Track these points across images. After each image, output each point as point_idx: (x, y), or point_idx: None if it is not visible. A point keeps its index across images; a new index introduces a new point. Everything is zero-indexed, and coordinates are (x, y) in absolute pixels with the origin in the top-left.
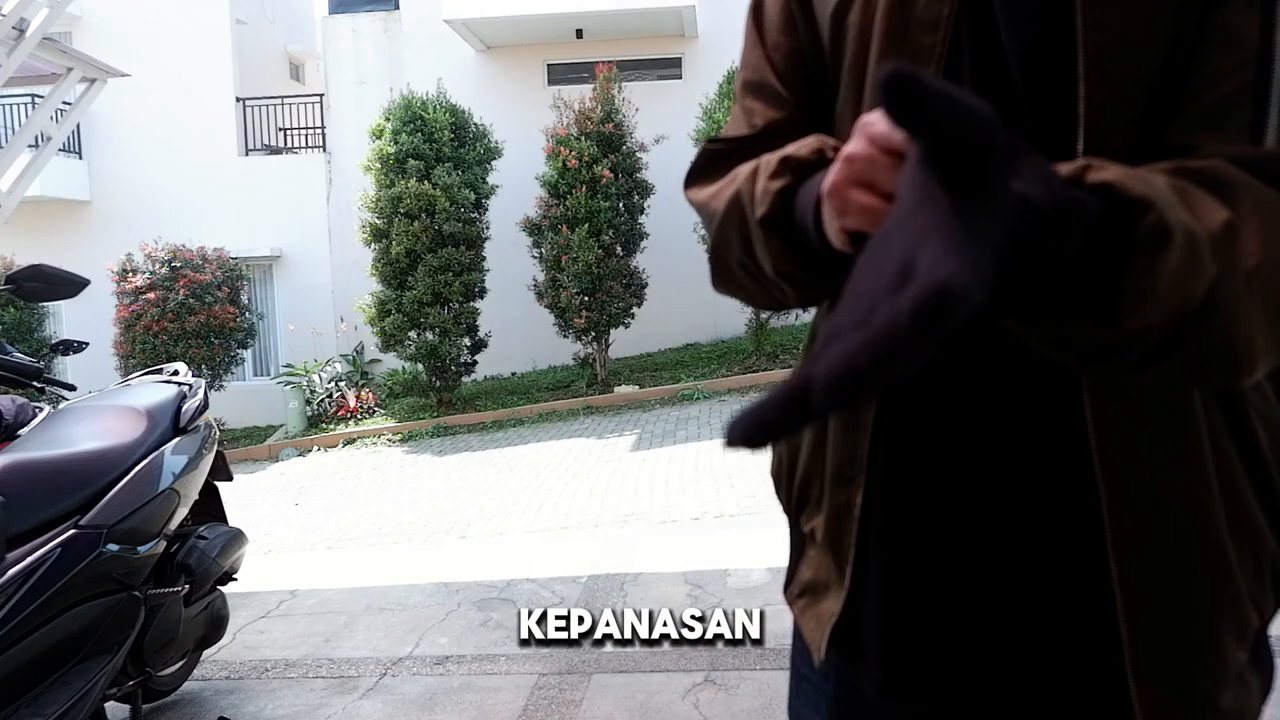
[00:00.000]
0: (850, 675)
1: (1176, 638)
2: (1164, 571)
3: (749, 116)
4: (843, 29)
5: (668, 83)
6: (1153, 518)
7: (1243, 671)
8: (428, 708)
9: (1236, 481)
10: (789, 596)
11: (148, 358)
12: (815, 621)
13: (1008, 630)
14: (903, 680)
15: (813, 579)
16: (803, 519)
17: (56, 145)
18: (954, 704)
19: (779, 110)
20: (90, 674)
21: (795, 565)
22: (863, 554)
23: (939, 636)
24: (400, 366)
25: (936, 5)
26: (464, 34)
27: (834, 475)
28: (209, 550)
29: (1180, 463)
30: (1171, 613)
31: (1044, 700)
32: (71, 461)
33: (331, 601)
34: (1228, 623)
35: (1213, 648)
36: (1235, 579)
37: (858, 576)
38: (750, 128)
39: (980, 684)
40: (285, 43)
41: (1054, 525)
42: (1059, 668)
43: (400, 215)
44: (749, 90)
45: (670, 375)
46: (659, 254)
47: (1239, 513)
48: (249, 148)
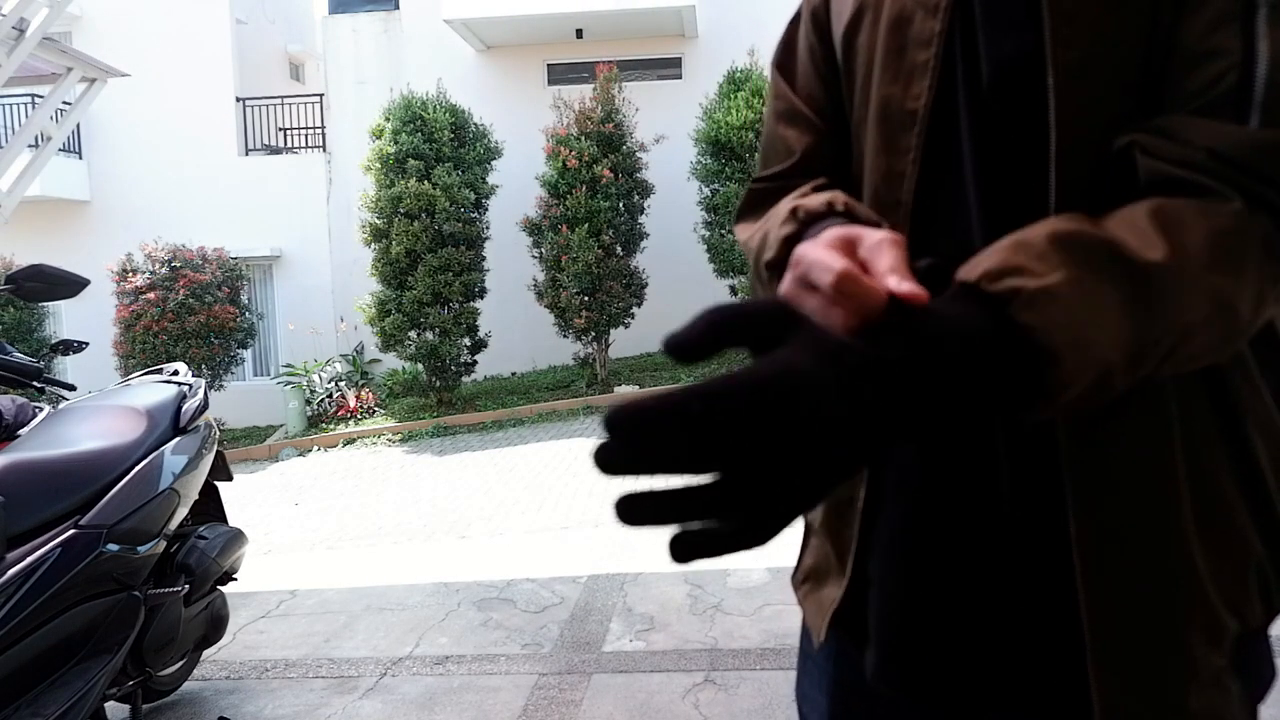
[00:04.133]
0: (852, 657)
1: (1136, 636)
2: (1124, 570)
3: (786, 144)
4: (853, 50)
5: (668, 83)
6: (1115, 517)
7: (1220, 675)
8: (428, 708)
9: (1214, 487)
10: (794, 582)
11: (148, 358)
12: (817, 607)
13: (996, 623)
14: (898, 668)
15: (813, 566)
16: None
17: (56, 145)
18: (946, 693)
19: (812, 135)
20: (90, 674)
21: (801, 553)
22: (865, 545)
23: (933, 627)
24: (400, 366)
25: (929, 21)
26: (464, 34)
27: None
28: (209, 550)
29: (1146, 465)
30: (1132, 612)
31: (1026, 691)
32: (71, 461)
33: (331, 601)
34: (1197, 626)
35: (1177, 649)
36: (1202, 582)
37: (859, 566)
38: (789, 155)
39: (969, 675)
40: (285, 43)
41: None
42: (1039, 661)
43: (400, 215)
44: (781, 119)
45: (670, 375)
46: (659, 254)
47: (1214, 518)
48: (249, 148)
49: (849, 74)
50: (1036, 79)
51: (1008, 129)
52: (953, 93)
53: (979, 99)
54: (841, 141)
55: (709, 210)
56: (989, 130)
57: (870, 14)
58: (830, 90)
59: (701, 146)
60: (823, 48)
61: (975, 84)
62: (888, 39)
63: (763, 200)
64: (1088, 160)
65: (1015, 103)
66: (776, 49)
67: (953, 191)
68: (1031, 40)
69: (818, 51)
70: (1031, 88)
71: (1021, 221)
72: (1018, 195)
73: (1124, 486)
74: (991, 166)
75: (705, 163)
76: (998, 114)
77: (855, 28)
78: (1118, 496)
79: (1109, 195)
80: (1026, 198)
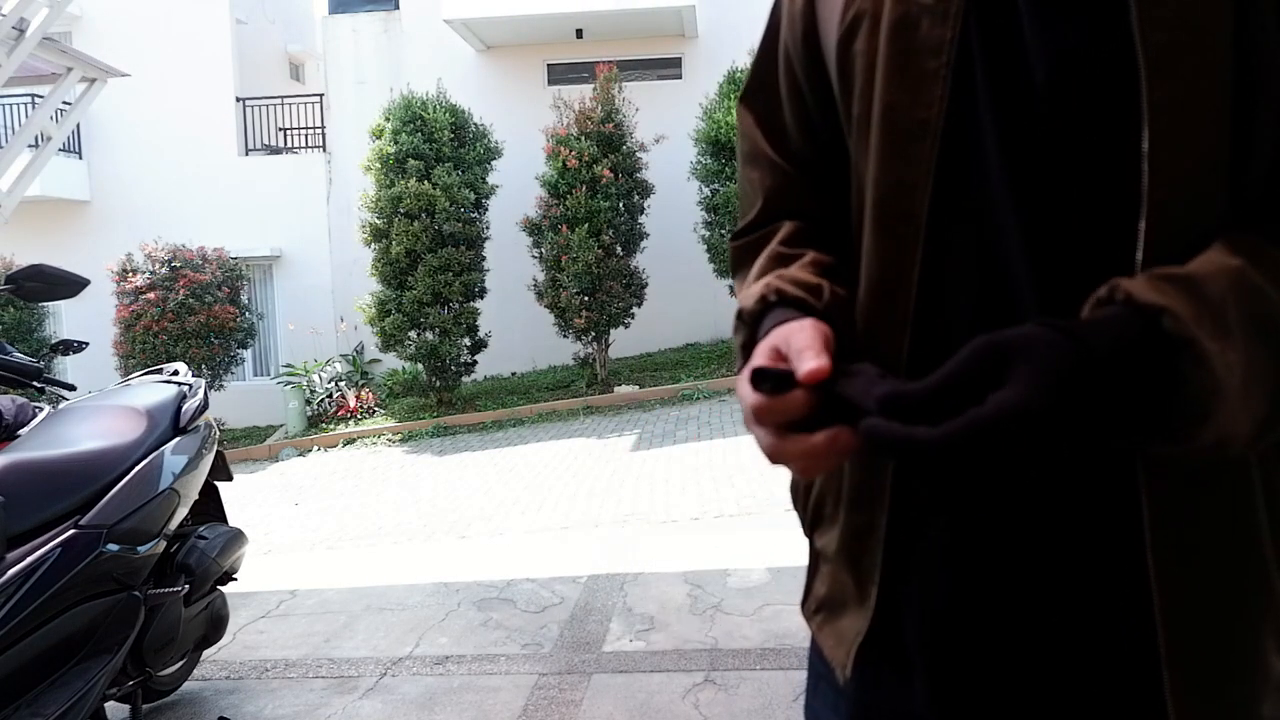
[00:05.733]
0: (876, 681)
1: (1215, 647)
2: (1204, 579)
3: (751, 189)
4: (849, 58)
5: (668, 83)
6: (1195, 524)
7: None
8: (428, 708)
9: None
10: (805, 611)
11: (148, 358)
12: (836, 639)
13: (1048, 640)
14: (952, 697)
15: (828, 595)
16: (816, 536)
17: (56, 145)
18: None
19: (773, 177)
20: (90, 674)
21: (811, 581)
22: (892, 572)
23: (983, 651)
24: (400, 366)
25: (939, 29)
26: (464, 34)
27: (851, 496)
28: (209, 550)
29: (1226, 467)
30: (1210, 621)
31: (1082, 710)
32: (71, 461)
33: (331, 601)
34: (1269, 632)
35: (1253, 657)
36: (1275, 586)
37: (885, 594)
38: (754, 203)
39: (1023, 696)
40: (285, 43)
41: (1090, 534)
42: (1096, 678)
43: (400, 215)
44: (746, 161)
45: (670, 375)
46: (659, 254)
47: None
48: (249, 148)
49: (845, 82)
50: (1110, 70)
51: (1064, 133)
52: (970, 102)
53: (1014, 106)
54: (826, 164)
55: (709, 210)
56: (1032, 138)
57: (868, 21)
58: (822, 108)
59: (701, 146)
60: (808, 60)
61: (1007, 91)
62: (890, 45)
63: (742, 260)
64: (1185, 151)
65: (1080, 101)
66: (745, 80)
67: (978, 206)
68: (1102, 27)
69: (802, 67)
70: (1104, 81)
71: (1087, 234)
72: (1079, 205)
73: (1200, 491)
74: (1037, 177)
75: (705, 163)
76: (1046, 117)
77: (851, 35)
78: (1194, 500)
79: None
80: (1096, 206)
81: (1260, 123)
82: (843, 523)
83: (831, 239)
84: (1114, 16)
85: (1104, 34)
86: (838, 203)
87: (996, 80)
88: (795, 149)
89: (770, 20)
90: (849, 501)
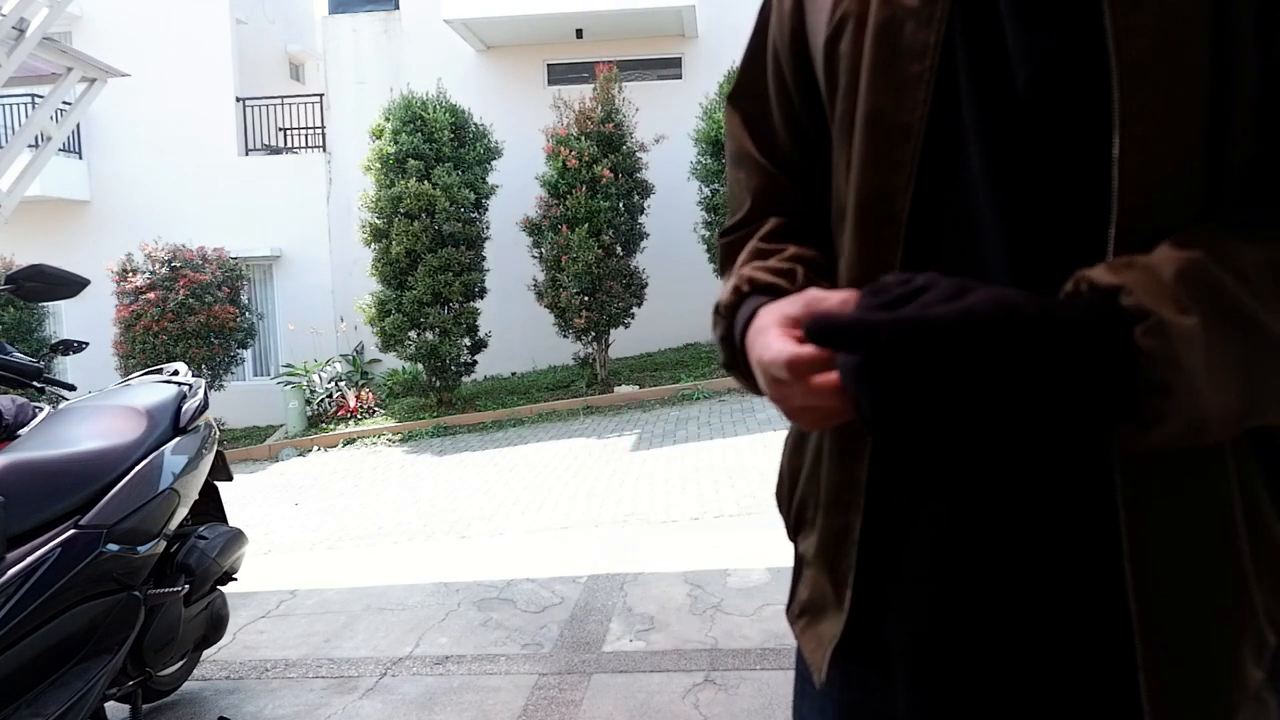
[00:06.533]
0: (858, 681)
1: (1191, 655)
2: (1181, 588)
3: (739, 189)
4: (835, 59)
5: (668, 83)
6: (1173, 534)
7: (1260, 690)
8: (428, 708)
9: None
10: (790, 615)
11: (148, 358)
12: (815, 642)
13: (1028, 647)
14: (935, 699)
15: (809, 599)
16: (799, 540)
17: (56, 145)
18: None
19: (759, 178)
20: (90, 674)
21: (795, 585)
22: (867, 575)
23: (964, 656)
24: (400, 366)
25: (923, 33)
26: (464, 34)
27: (829, 499)
28: (209, 550)
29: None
30: (1187, 630)
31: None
32: (71, 461)
33: (331, 601)
34: (1247, 641)
35: (1230, 666)
36: (1254, 597)
37: (860, 598)
38: (742, 203)
39: (1004, 701)
40: (285, 43)
41: (1069, 541)
42: (1075, 684)
43: (400, 215)
44: (733, 162)
45: (670, 375)
46: (659, 254)
47: (1263, 534)
48: (249, 148)
49: (831, 83)
50: (1088, 75)
51: (1044, 138)
52: (953, 105)
53: (997, 110)
54: (813, 165)
55: (709, 210)
56: (1014, 142)
57: (853, 23)
58: (809, 108)
59: (701, 146)
60: (796, 60)
61: (989, 95)
62: (874, 48)
63: (728, 257)
64: (1155, 158)
65: (1059, 104)
66: (734, 82)
67: (958, 209)
68: (1079, 33)
69: (790, 66)
70: (1081, 85)
71: (1064, 236)
72: (1057, 208)
73: (1179, 500)
74: (1018, 181)
75: (705, 163)
76: (1032, 121)
77: (837, 37)
78: (1172, 509)
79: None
80: (1073, 208)
81: (1237, 130)
82: (820, 526)
83: (817, 236)
84: (1091, 23)
85: (1081, 40)
86: (825, 202)
87: (979, 84)
88: (782, 149)
89: (759, 19)
90: (826, 505)
